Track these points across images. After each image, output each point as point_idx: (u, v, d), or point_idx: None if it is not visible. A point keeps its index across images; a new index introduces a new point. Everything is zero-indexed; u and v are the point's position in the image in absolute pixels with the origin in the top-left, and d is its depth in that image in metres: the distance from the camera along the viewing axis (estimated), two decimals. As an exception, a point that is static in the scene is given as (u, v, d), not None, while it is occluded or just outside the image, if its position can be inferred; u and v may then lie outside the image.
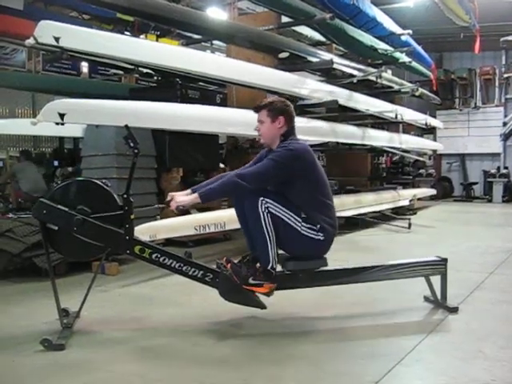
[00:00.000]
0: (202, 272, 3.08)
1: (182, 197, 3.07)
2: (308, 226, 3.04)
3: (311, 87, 6.84)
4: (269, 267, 2.99)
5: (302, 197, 3.07)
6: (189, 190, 3.18)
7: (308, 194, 3.08)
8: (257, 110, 3.21)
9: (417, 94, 10.80)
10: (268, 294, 3.04)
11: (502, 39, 13.44)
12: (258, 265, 3.02)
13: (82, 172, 5.93)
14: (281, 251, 3.15)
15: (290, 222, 3.01)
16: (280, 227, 3.00)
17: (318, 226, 3.05)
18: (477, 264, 5.09)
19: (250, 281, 2.98)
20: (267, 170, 3.02)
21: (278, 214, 2.99)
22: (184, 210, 3.27)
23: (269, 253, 2.97)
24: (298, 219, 3.03)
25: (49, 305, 3.13)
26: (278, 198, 3.03)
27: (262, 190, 3.04)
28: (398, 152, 9.91)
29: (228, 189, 3.06)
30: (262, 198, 2.96)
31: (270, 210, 2.97)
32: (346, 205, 7.46)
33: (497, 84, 15.18)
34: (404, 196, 9.72)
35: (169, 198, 3.09)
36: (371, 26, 8.35)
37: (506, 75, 14.95)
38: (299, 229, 3.03)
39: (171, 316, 3.44)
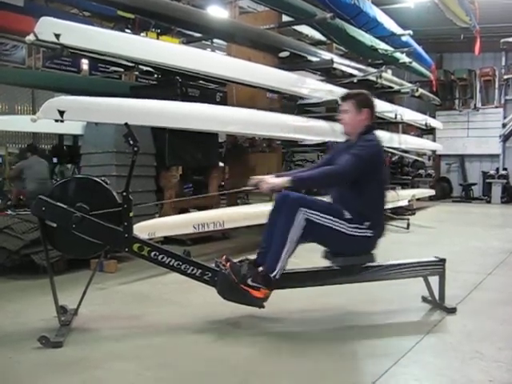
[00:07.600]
0: (200, 270, 3.09)
1: (274, 179, 3.06)
2: (354, 225, 3.07)
3: (311, 86, 6.84)
4: (271, 275, 2.97)
5: (367, 193, 3.09)
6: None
7: (373, 189, 3.13)
8: (344, 99, 3.27)
9: (417, 94, 10.79)
10: (262, 300, 3.01)
11: (502, 40, 13.45)
12: (261, 269, 3.01)
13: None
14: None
15: (334, 226, 3.03)
16: (325, 233, 3.03)
17: (368, 223, 3.08)
18: (475, 265, 5.10)
19: (249, 282, 2.97)
20: (356, 163, 3.01)
21: (319, 221, 3.00)
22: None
23: (279, 262, 2.96)
24: (341, 221, 3.05)
25: (47, 302, 3.13)
26: (317, 205, 3.04)
27: (303, 198, 3.03)
28: (397, 152, 9.89)
29: (324, 179, 3.07)
30: (301, 208, 2.96)
31: (311, 218, 2.97)
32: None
33: (496, 85, 15.19)
34: (403, 196, 9.69)
35: (255, 181, 3.08)
36: (372, 26, 8.37)
37: (505, 76, 14.98)
38: (345, 230, 3.05)
39: (169, 314, 3.44)
